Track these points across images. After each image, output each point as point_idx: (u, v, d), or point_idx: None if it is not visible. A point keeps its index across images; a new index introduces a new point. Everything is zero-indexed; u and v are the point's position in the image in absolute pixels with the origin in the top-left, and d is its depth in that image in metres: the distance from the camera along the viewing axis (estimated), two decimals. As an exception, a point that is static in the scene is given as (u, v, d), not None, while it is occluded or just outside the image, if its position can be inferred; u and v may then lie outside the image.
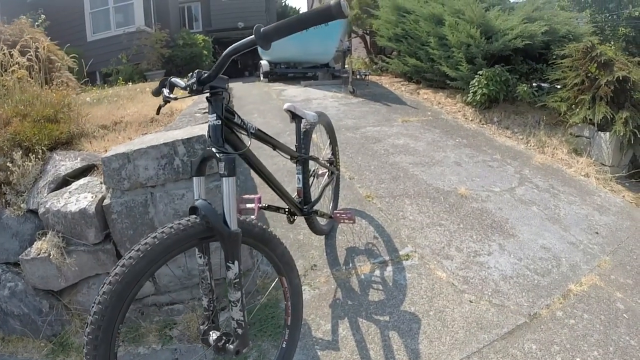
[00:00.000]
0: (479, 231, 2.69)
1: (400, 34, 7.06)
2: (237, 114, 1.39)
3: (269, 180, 1.70)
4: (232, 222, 1.23)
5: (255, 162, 1.55)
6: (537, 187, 3.40)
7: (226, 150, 1.25)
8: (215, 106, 1.27)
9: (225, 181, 1.24)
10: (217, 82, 1.24)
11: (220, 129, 1.27)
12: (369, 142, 4.41)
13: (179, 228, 1.17)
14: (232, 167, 1.23)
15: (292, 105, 2.07)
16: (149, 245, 1.12)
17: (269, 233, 1.41)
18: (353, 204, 3.02)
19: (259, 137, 1.62)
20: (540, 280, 2.27)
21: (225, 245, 1.22)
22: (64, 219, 2.18)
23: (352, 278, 2.26)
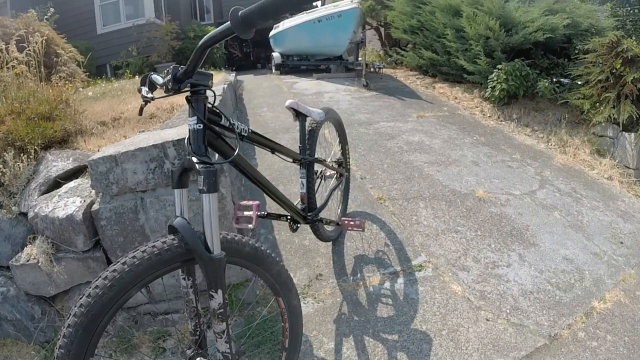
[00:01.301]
0: (497, 239, 2.48)
1: (416, 25, 6.87)
2: (225, 115, 1.21)
3: (266, 188, 1.52)
4: (214, 246, 1.06)
5: (248, 170, 1.37)
6: (558, 190, 3.17)
7: (207, 161, 1.07)
8: (195, 107, 1.09)
9: (205, 198, 1.06)
10: (197, 78, 1.06)
11: (201, 135, 1.09)
12: (382, 138, 4.22)
13: (152, 252, 1.01)
14: (213, 182, 1.05)
15: (295, 102, 1.88)
16: (117, 272, 0.97)
17: (262, 252, 1.24)
18: (364, 206, 2.84)
19: (253, 140, 1.44)
20: (562, 297, 2.07)
21: (206, 271, 1.05)
22: (52, 224, 2.05)
23: (360, 290, 2.08)
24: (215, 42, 0.99)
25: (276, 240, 2.54)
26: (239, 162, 1.30)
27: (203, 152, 1.09)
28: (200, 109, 1.09)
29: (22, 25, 5.47)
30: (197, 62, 1.01)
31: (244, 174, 1.35)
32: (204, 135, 1.09)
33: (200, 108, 1.09)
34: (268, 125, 4.83)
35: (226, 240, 1.13)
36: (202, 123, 1.09)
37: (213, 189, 1.05)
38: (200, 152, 1.08)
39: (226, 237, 1.14)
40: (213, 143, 1.18)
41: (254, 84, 8.30)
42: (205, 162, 1.06)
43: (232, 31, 0.92)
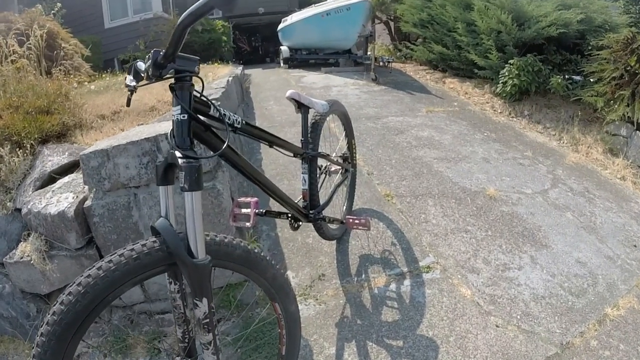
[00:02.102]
0: (509, 240, 2.36)
1: (426, 19, 6.75)
2: (214, 104, 1.10)
3: (262, 184, 1.41)
4: (198, 250, 0.97)
5: (240, 165, 1.26)
6: (571, 190, 3.03)
7: (191, 155, 0.97)
8: (179, 96, 0.99)
9: (187, 197, 0.96)
10: (181, 63, 0.96)
11: (186, 126, 0.99)
12: (391, 133, 4.10)
13: (130, 256, 0.92)
14: (196, 178, 0.96)
15: (296, 93, 1.76)
16: (91, 278, 0.88)
17: (255, 255, 1.14)
18: (370, 203, 2.73)
19: (248, 133, 1.34)
20: (574, 302, 1.95)
21: (189, 278, 0.96)
22: (45, 221, 1.98)
23: (364, 292, 1.98)
24: (195, 19, 0.89)
25: (278, 237, 2.45)
26: (230, 156, 1.19)
27: (187, 146, 0.99)
28: (184, 98, 0.99)
29: (27, 20, 5.44)
30: (177, 44, 0.91)
31: (237, 169, 1.25)
32: (189, 127, 1.00)
33: (184, 96, 0.99)
34: (274, 118, 4.74)
35: (214, 243, 1.04)
36: (186, 113, 0.99)
37: (196, 187, 0.96)
38: (185, 146, 0.99)
39: (214, 239, 1.04)
40: (201, 135, 1.08)
41: (261, 78, 8.22)
42: (189, 156, 0.97)
43: (211, 4, 0.83)
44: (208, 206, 1.69)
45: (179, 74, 0.97)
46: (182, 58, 0.96)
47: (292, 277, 2.11)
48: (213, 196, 1.67)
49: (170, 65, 0.94)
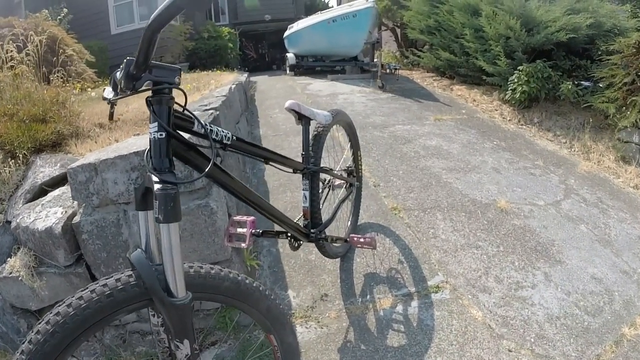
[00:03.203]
0: (521, 256, 2.23)
1: (433, 25, 6.66)
2: (198, 119, 0.99)
3: (256, 205, 1.28)
4: (177, 288, 0.85)
5: (230, 185, 1.14)
6: (584, 200, 2.89)
7: (168, 179, 0.86)
8: (156, 111, 0.88)
9: (163, 229, 0.85)
10: (158, 74, 0.85)
11: (164, 146, 0.88)
12: (398, 142, 3.99)
13: (102, 293, 0.82)
14: (172, 208, 0.84)
15: (296, 104, 1.65)
16: (61, 317, 0.79)
17: (246, 286, 1.03)
18: (377, 217, 2.61)
19: (239, 149, 1.21)
20: (590, 322, 1.81)
21: (168, 318, 0.85)
22: (33, 236, 1.88)
23: (369, 314, 1.85)
24: (164, 21, 0.78)
25: (280, 254, 2.34)
26: (217, 177, 1.07)
27: (166, 168, 0.87)
28: (162, 113, 0.88)
29: (31, 25, 5.40)
30: (148, 52, 0.80)
31: (227, 190, 1.13)
32: (167, 147, 0.88)
33: (162, 112, 0.88)
34: (279, 127, 4.65)
35: (198, 276, 0.93)
36: (164, 131, 0.87)
37: (173, 218, 0.84)
38: (162, 168, 0.87)
39: (198, 271, 0.93)
40: (183, 155, 0.97)
41: (267, 85, 8.16)
42: (166, 181, 0.85)
43: (178, 4, 0.72)
44: (201, 225, 1.58)
45: (157, 86, 0.86)
46: (160, 68, 0.85)
47: (293, 297, 1.99)
48: (206, 215, 1.57)
49: (145, 77, 0.83)
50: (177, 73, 0.88)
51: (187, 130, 0.98)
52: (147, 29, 0.78)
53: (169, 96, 0.88)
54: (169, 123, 0.89)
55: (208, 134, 0.98)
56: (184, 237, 1.61)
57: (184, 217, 1.57)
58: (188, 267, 0.93)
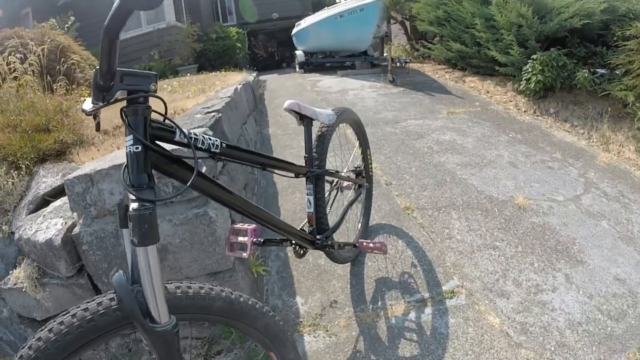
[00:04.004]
0: (541, 256, 2.11)
1: (442, 16, 6.51)
2: (180, 128, 0.91)
3: (253, 215, 1.18)
4: (159, 314, 0.78)
5: (221, 196, 1.06)
6: (605, 194, 2.74)
7: (146, 197, 0.78)
8: (131, 123, 0.80)
9: (140, 252, 0.77)
10: (130, 82, 0.77)
11: (141, 160, 0.80)
12: (410, 138, 3.89)
13: (83, 317, 0.77)
14: (146, 230, 0.76)
15: (296, 103, 1.55)
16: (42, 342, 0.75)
17: (241, 304, 0.95)
18: (389, 218, 2.52)
19: (232, 157, 1.12)
20: (614, 328, 1.69)
21: (152, 346, 0.78)
22: (35, 248, 1.84)
23: (380, 322, 1.77)
24: (119, 26, 0.70)
25: (288, 258, 2.27)
26: (204, 188, 0.99)
27: (144, 184, 0.80)
28: (138, 125, 0.80)
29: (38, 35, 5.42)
30: (110, 60, 0.72)
31: (218, 201, 1.05)
32: (144, 161, 0.81)
33: (138, 123, 0.80)
34: (288, 125, 4.58)
35: (186, 297, 0.85)
36: (140, 144, 0.80)
37: (149, 240, 0.77)
38: (140, 184, 0.79)
39: (187, 292, 0.86)
40: (165, 168, 0.89)
41: (276, 84, 8.11)
42: (143, 199, 0.78)
43: (128, 7, 0.65)
44: (200, 234, 1.52)
45: (131, 95, 0.79)
46: (132, 75, 0.77)
47: (301, 304, 1.91)
48: (205, 224, 1.50)
49: (116, 86, 0.75)
50: (152, 80, 0.81)
51: (168, 140, 0.91)
52: (104, 37, 0.70)
53: (145, 105, 0.81)
54: (146, 135, 0.81)
55: (191, 143, 0.90)
56: (183, 247, 1.55)
57: (183, 226, 1.51)
58: (175, 287, 0.86)
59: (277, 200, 2.88)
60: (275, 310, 1.90)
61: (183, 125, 2.03)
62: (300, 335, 1.74)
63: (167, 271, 1.63)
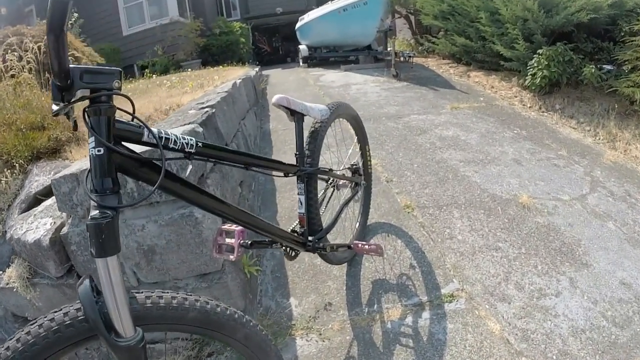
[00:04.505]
0: (545, 258, 2.04)
1: (447, 10, 6.44)
2: (148, 128, 0.85)
3: (234, 217, 1.12)
4: (123, 327, 0.73)
5: (194, 199, 0.98)
6: (611, 194, 2.66)
7: (107, 204, 0.73)
8: (93, 124, 0.75)
9: (99, 264, 0.72)
10: (90, 79, 0.71)
11: (104, 163, 0.75)
12: (413, 133, 3.82)
13: (50, 328, 0.73)
14: (103, 240, 0.71)
15: (285, 98, 1.48)
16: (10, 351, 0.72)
17: (218, 314, 0.90)
18: (388, 216, 2.46)
19: (209, 157, 1.05)
20: (618, 335, 1.61)
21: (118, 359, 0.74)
22: (25, 248, 1.81)
23: (375, 326, 1.71)
24: (60, 21, 0.64)
25: (284, 257, 2.21)
26: (176, 190, 0.93)
27: (107, 189, 0.75)
28: (100, 126, 0.74)
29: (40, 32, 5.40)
30: (60, 57, 0.65)
31: (192, 203, 0.98)
32: (108, 164, 0.75)
33: (100, 124, 0.74)
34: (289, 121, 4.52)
35: (157, 307, 0.80)
36: (102, 146, 0.74)
37: (107, 251, 0.72)
38: (102, 190, 0.74)
39: (157, 302, 0.81)
40: (132, 171, 0.83)
41: (279, 78, 8.06)
42: (104, 205, 0.73)
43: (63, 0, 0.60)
44: (187, 235, 1.47)
45: (94, 93, 0.73)
46: (92, 72, 0.71)
47: (295, 306, 1.86)
48: (191, 225, 1.45)
49: (76, 84, 0.70)
50: (116, 76, 0.74)
51: (136, 141, 0.85)
52: (48, 34, 0.65)
53: (108, 104, 0.75)
54: (109, 136, 0.76)
55: (159, 143, 0.85)
56: (170, 248, 1.50)
57: (169, 227, 1.46)
58: (145, 297, 0.81)
59: (275, 197, 2.83)
60: (268, 311, 1.85)
61: (175, 121, 1.98)
62: (292, 338, 1.69)
63: (154, 272, 1.59)
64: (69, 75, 0.68)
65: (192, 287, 1.61)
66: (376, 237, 2.27)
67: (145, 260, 1.58)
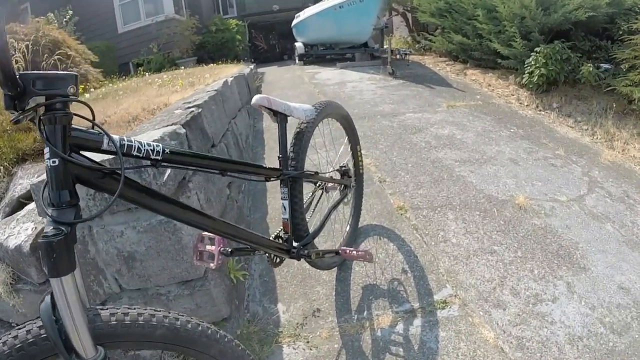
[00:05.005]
0: (541, 262, 1.99)
1: (444, 8, 6.40)
2: (109, 135, 0.78)
3: (206, 225, 1.05)
4: (82, 348, 0.69)
5: (158, 208, 0.91)
6: (609, 195, 2.61)
7: (61, 220, 0.68)
8: (48, 133, 0.69)
9: (55, 284, 0.68)
10: (42, 85, 0.65)
11: (59, 176, 0.69)
12: (408, 132, 3.77)
13: (13, 345, 0.70)
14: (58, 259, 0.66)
15: (265, 98, 1.40)
16: None
17: (188, 331, 0.84)
18: (380, 218, 2.41)
19: (180, 163, 0.99)
20: (616, 342, 1.57)
21: None
22: (7, 253, 1.75)
23: (365, 334, 1.66)
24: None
25: (273, 262, 2.16)
26: (139, 200, 0.86)
27: (64, 203, 0.69)
28: (56, 135, 0.69)
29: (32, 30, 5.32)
30: (3, 62, 0.60)
31: (159, 213, 0.92)
32: (63, 176, 0.70)
33: (55, 133, 0.69)
34: (283, 120, 4.46)
35: (122, 325, 0.75)
36: (58, 157, 0.69)
37: (63, 270, 0.67)
38: (60, 203, 0.69)
39: (122, 319, 0.75)
40: (92, 182, 0.78)
41: (275, 76, 8.00)
42: (59, 221, 0.68)
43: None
44: (166, 242, 1.42)
45: (49, 100, 0.68)
46: (45, 78, 0.66)
47: (283, 312, 1.81)
48: (170, 231, 1.39)
49: (28, 92, 0.64)
50: (71, 82, 0.69)
51: (95, 149, 0.79)
52: None
53: (63, 112, 0.69)
54: (65, 146, 0.70)
55: (118, 151, 0.79)
56: (150, 255, 1.45)
57: (147, 233, 1.41)
58: (109, 314, 0.76)
59: (266, 197, 2.78)
60: (255, 317, 1.80)
61: (160, 122, 1.91)
62: (278, 346, 1.64)
63: (136, 279, 1.54)
64: (17, 83, 0.63)
65: (174, 294, 1.55)
66: (368, 240, 2.22)
67: (126, 267, 1.53)
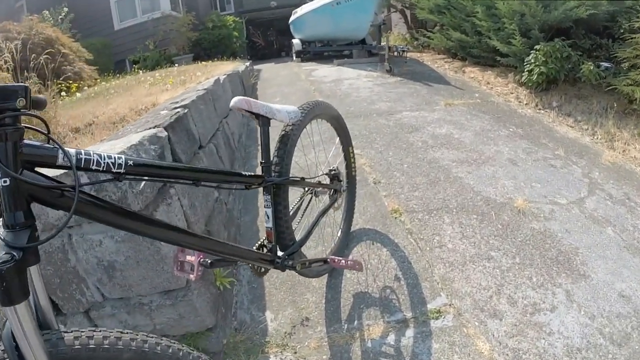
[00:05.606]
0: (540, 269, 1.92)
1: (443, 4, 6.33)
2: (64, 150, 0.71)
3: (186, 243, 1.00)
4: None
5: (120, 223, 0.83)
6: (610, 197, 2.55)
7: (13, 243, 0.62)
8: None
9: (8, 313, 0.61)
10: None
11: (11, 196, 0.63)
12: (404, 131, 3.70)
13: None
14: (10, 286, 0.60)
15: (244, 100, 1.31)
16: None
17: (157, 354, 0.78)
18: (373, 222, 2.34)
19: (146, 175, 0.92)
20: (616, 354, 1.50)
21: None
22: (-17, 261, 1.68)
23: (354, 346, 1.59)
24: None
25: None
26: (99, 216, 0.79)
27: (18, 224, 0.63)
28: (6, 153, 0.63)
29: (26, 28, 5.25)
30: None
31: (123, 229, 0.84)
32: (14, 196, 0.63)
33: (6, 150, 0.63)
34: (278, 118, 4.40)
35: (86, 349, 0.69)
36: (8, 177, 0.62)
37: (16, 298, 0.61)
38: (14, 225, 0.63)
39: (87, 343, 0.69)
40: (47, 200, 0.71)
41: (271, 73, 7.94)
42: (10, 245, 0.61)
43: None
44: (145, 252, 1.35)
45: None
46: None
47: (270, 321, 1.74)
48: (148, 241, 1.33)
49: None
50: (21, 94, 0.62)
51: (51, 165, 0.72)
52: None
53: (13, 127, 0.62)
54: (16, 163, 0.64)
55: (73, 165, 0.72)
56: (129, 265, 1.38)
57: (126, 243, 1.34)
58: (73, 338, 0.70)
59: (257, 199, 2.71)
60: (242, 326, 1.73)
61: (145, 123, 1.85)
62: (265, 356, 1.57)
63: (117, 289, 1.47)
64: None
65: (157, 303, 1.49)
66: (360, 245, 2.15)
67: (106, 276, 1.46)
